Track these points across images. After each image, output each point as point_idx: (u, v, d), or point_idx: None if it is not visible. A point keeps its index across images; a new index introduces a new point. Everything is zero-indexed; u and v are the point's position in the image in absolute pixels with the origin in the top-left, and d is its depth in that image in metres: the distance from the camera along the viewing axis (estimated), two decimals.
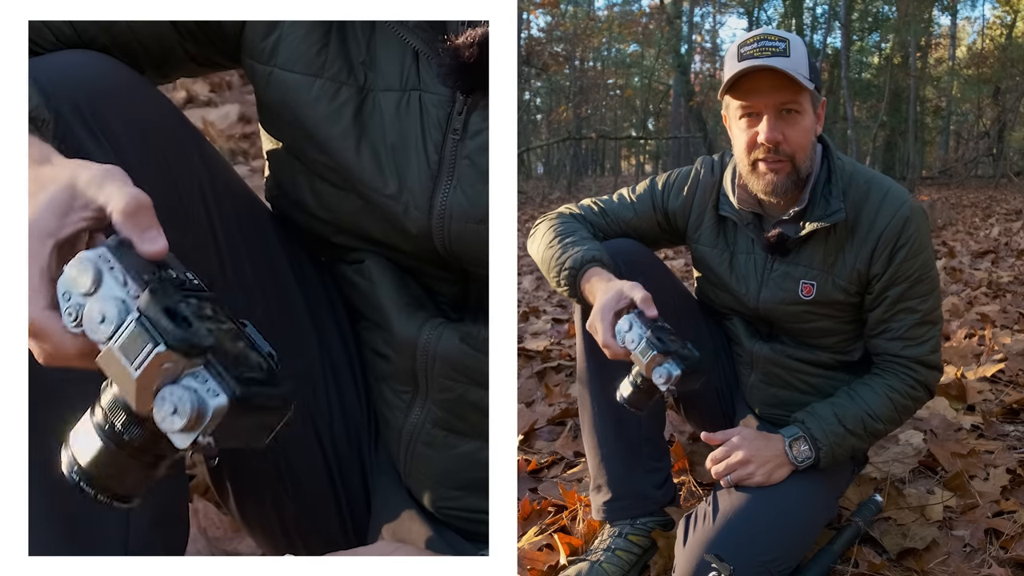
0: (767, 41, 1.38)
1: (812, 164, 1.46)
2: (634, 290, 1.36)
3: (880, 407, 1.48)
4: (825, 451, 1.45)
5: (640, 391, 1.37)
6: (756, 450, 1.44)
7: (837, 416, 1.47)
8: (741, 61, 1.38)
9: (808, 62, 1.40)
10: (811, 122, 1.43)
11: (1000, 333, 3.09)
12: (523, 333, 3.44)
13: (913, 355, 1.49)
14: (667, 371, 1.30)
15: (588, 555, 1.59)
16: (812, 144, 1.45)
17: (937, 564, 1.57)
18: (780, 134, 1.40)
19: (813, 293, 1.51)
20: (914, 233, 1.45)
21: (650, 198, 1.65)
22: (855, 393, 1.50)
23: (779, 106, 1.39)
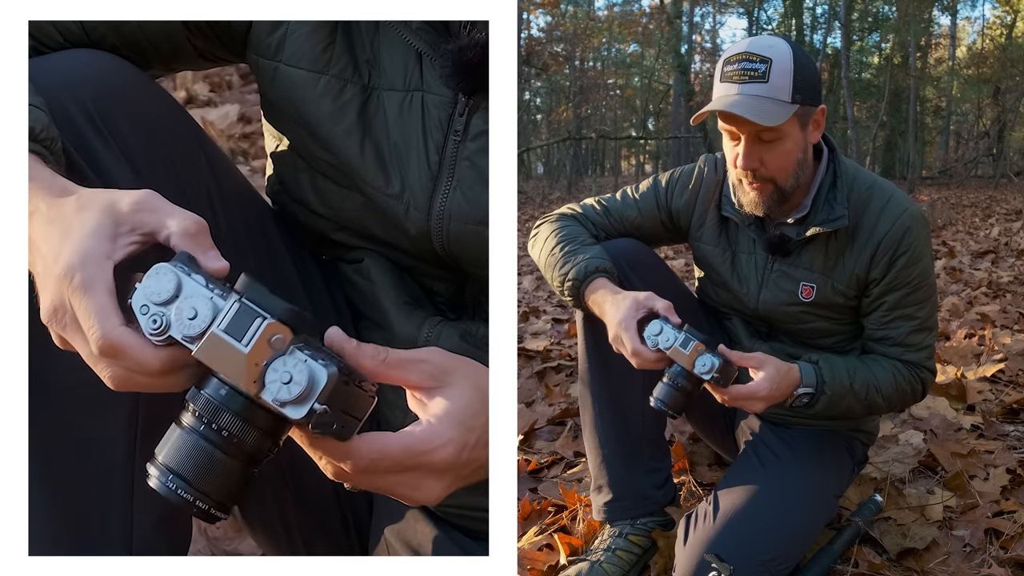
0: (748, 63, 1.36)
1: (802, 178, 1.45)
2: (651, 299, 1.38)
3: (886, 383, 1.48)
4: (826, 397, 1.44)
5: (678, 391, 1.38)
6: (771, 397, 1.39)
7: (848, 371, 1.46)
8: (723, 82, 1.38)
9: (793, 80, 1.35)
10: (793, 144, 1.40)
11: (1000, 333, 3.09)
12: (523, 333, 3.44)
13: (911, 360, 1.50)
14: (710, 360, 1.34)
15: (588, 555, 1.59)
16: (797, 163, 1.43)
17: (937, 564, 1.57)
18: (757, 160, 1.39)
19: (813, 295, 1.51)
20: (914, 241, 1.45)
21: (653, 196, 1.65)
22: (868, 362, 1.50)
23: (755, 133, 1.37)
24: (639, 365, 1.38)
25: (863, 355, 1.53)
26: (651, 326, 1.36)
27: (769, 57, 1.35)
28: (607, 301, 1.42)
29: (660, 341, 1.35)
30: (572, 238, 1.55)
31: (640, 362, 1.37)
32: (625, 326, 1.37)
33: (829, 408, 1.46)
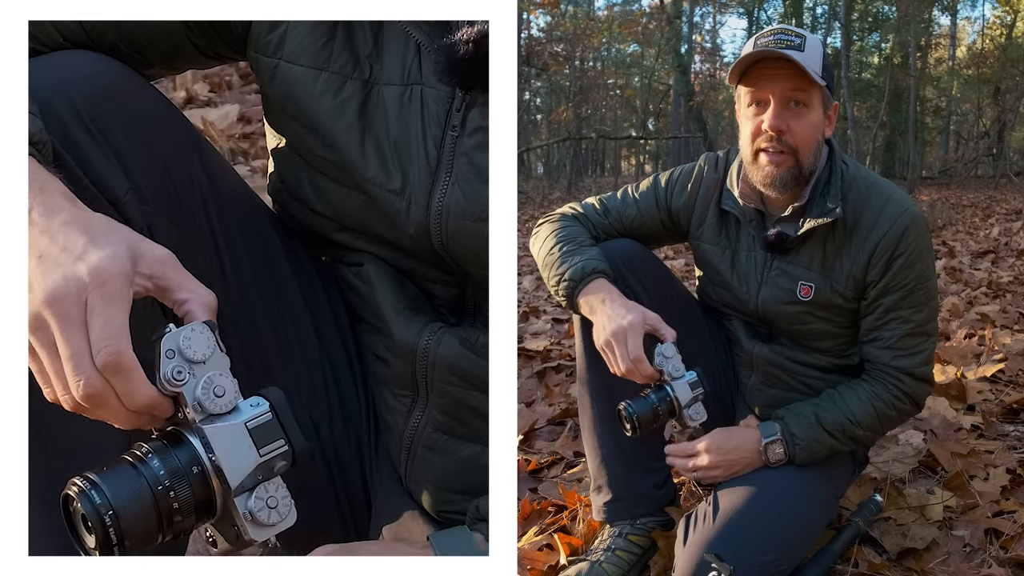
0: (784, 35, 1.39)
1: (816, 163, 1.46)
2: (659, 322, 1.42)
3: (862, 414, 1.48)
4: (802, 448, 1.46)
5: (652, 413, 1.42)
6: (723, 455, 1.47)
7: (818, 417, 1.47)
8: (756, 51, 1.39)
9: (823, 61, 1.40)
10: (818, 118, 1.43)
11: (1000, 333, 3.09)
12: (523, 333, 3.44)
13: (903, 366, 1.49)
14: (703, 412, 1.43)
15: (588, 555, 1.59)
16: (818, 143, 1.45)
17: (937, 564, 1.57)
18: (785, 124, 1.40)
19: (811, 295, 1.51)
20: (913, 242, 1.45)
21: (653, 195, 1.65)
22: (840, 396, 1.50)
23: (787, 96, 1.39)
24: (627, 372, 1.39)
25: (835, 388, 1.53)
26: (665, 348, 1.40)
27: (804, 35, 1.40)
28: (605, 302, 1.42)
29: (669, 366, 1.39)
30: (571, 238, 1.55)
31: (631, 369, 1.39)
32: (634, 331, 1.38)
33: (812, 457, 1.48)
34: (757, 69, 1.40)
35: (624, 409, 1.42)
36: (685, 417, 1.42)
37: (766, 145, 1.42)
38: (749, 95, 1.43)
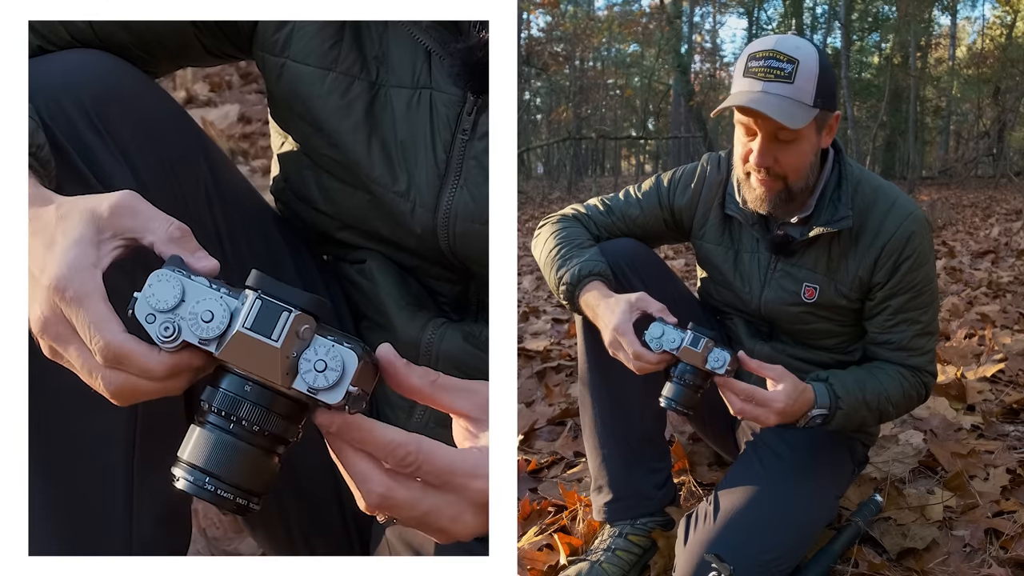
0: (775, 61, 1.34)
1: (810, 180, 1.45)
2: (643, 301, 1.37)
3: (895, 391, 1.48)
4: (843, 412, 1.42)
5: (689, 388, 1.37)
6: (785, 412, 1.36)
7: (859, 384, 1.46)
8: (746, 76, 1.37)
9: (818, 82, 1.35)
10: (809, 146, 1.40)
11: (1000, 333, 3.09)
12: (523, 333, 3.44)
13: (916, 364, 1.50)
14: (723, 355, 1.34)
15: (588, 555, 1.59)
16: (810, 164, 1.43)
17: (937, 564, 1.57)
18: (772, 158, 1.39)
19: (816, 296, 1.51)
20: (919, 245, 1.45)
21: (656, 194, 1.65)
22: (874, 371, 1.50)
23: (773, 132, 1.37)
24: (640, 369, 1.37)
25: (866, 364, 1.53)
26: (652, 329, 1.36)
27: (797, 59, 1.34)
28: (600, 305, 1.42)
29: (665, 343, 1.34)
30: (570, 240, 1.55)
31: (641, 365, 1.36)
32: (622, 331, 1.36)
33: (844, 424, 1.46)
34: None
35: (664, 403, 1.39)
36: (713, 371, 1.35)
37: (754, 174, 1.42)
38: (739, 122, 1.41)
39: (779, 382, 1.36)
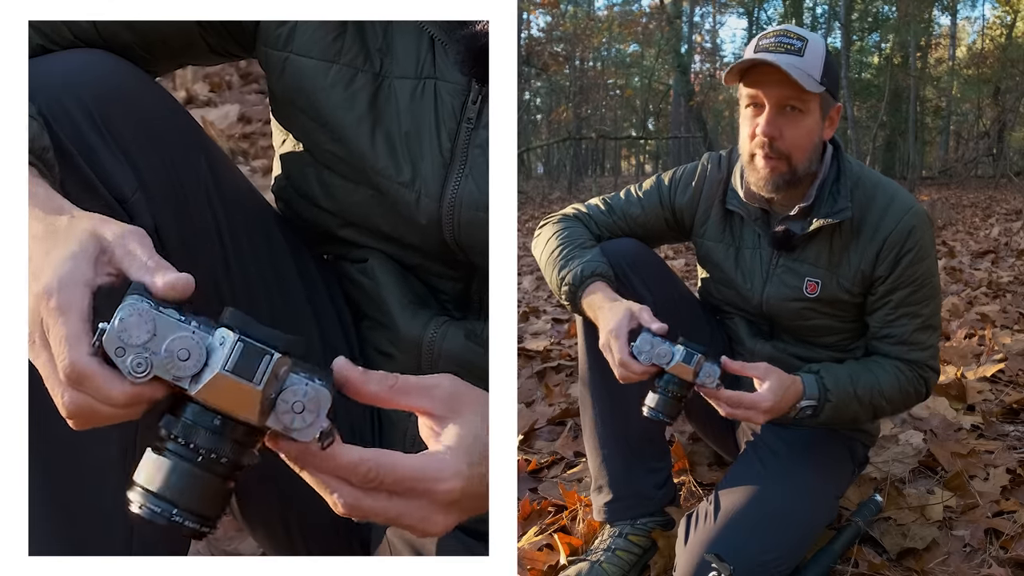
0: (785, 37, 1.39)
1: (813, 165, 1.46)
2: (644, 313, 1.37)
3: (889, 387, 1.48)
4: (831, 405, 1.43)
5: (673, 399, 1.38)
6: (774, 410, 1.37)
7: (851, 378, 1.46)
8: (756, 53, 1.40)
9: (824, 65, 1.40)
10: (814, 123, 1.43)
11: (1000, 333, 3.09)
12: (523, 333, 3.44)
13: (917, 359, 1.50)
14: (714, 370, 1.35)
15: (588, 555, 1.59)
16: (813, 146, 1.45)
17: (937, 564, 1.57)
18: (778, 130, 1.40)
19: (818, 291, 1.51)
20: (920, 239, 1.46)
21: (657, 193, 1.65)
22: (869, 365, 1.50)
23: (782, 102, 1.39)
24: (623, 377, 1.38)
25: (863, 359, 1.53)
26: (641, 341, 1.35)
27: (806, 38, 1.40)
28: (603, 307, 1.42)
29: (656, 356, 1.35)
30: (571, 241, 1.55)
31: (625, 374, 1.37)
32: (616, 335, 1.36)
33: (833, 417, 1.45)
34: (754, 72, 1.41)
35: (647, 412, 1.39)
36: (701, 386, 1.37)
37: (758, 151, 1.43)
38: (747, 97, 1.44)
39: (764, 380, 1.37)
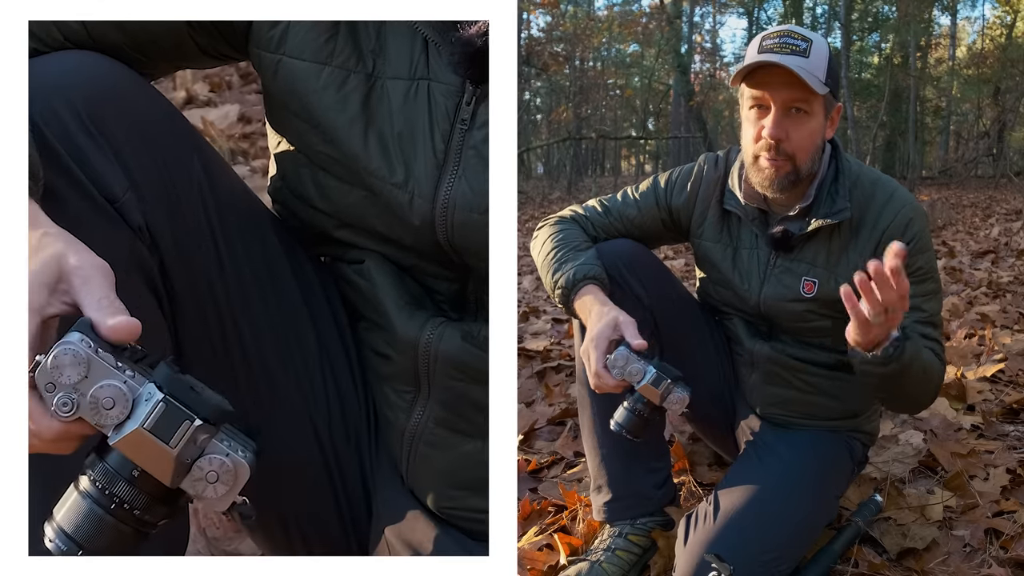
0: (789, 38, 1.39)
1: (816, 166, 1.47)
2: (628, 326, 1.37)
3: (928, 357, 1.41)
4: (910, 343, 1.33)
5: (640, 418, 1.39)
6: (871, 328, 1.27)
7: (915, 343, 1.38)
8: (761, 54, 1.40)
9: (828, 66, 1.40)
10: (818, 125, 1.43)
11: (1000, 333, 3.09)
12: (523, 333, 3.44)
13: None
14: (681, 396, 1.36)
15: (588, 555, 1.59)
16: (817, 147, 1.45)
17: (937, 564, 1.57)
18: (784, 132, 1.40)
19: (815, 291, 1.51)
20: (918, 231, 1.46)
21: (653, 195, 1.65)
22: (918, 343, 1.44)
23: (789, 103, 1.40)
24: (597, 387, 1.39)
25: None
26: (616, 355, 1.35)
27: (810, 38, 1.40)
28: (592, 312, 1.42)
29: (627, 373, 1.35)
30: (567, 243, 1.55)
31: (599, 384, 1.38)
32: (596, 344, 1.37)
33: (901, 370, 1.33)
34: (759, 73, 1.41)
35: (613, 426, 1.42)
36: (667, 410, 1.39)
37: (764, 152, 1.43)
38: (751, 99, 1.44)
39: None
